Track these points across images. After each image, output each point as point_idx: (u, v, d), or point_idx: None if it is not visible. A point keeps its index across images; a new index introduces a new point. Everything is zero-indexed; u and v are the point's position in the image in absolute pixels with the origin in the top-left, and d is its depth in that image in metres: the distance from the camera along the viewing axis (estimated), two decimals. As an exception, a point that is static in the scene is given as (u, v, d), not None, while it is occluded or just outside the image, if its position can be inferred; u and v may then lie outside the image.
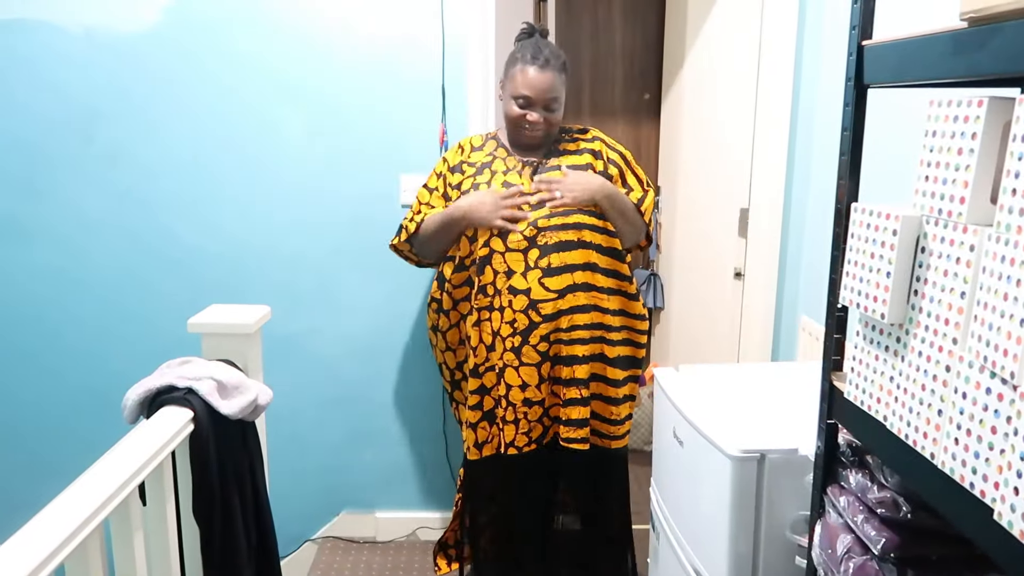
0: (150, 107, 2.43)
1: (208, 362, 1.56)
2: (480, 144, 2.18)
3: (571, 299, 2.02)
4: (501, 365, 2.06)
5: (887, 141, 1.71)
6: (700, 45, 2.99)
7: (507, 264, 2.01)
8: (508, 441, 2.09)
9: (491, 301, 2.04)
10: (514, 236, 2.00)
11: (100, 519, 1.10)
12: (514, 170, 2.09)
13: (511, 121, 2.07)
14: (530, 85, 2.01)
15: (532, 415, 2.09)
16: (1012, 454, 0.72)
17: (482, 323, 2.06)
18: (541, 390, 2.07)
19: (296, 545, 2.69)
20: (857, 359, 1.04)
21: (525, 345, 2.03)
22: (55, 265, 2.50)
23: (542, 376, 2.06)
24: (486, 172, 2.10)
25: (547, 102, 2.03)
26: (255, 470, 1.60)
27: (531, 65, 2.01)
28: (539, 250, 2.00)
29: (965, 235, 0.82)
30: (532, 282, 2.00)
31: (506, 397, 2.07)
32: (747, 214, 2.55)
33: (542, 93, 2.01)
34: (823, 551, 1.13)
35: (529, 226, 2.01)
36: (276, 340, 2.42)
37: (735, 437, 1.42)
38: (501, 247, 2.01)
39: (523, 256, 2.01)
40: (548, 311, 2.01)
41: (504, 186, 2.06)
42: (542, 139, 2.09)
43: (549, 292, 2.00)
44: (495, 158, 2.13)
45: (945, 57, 0.86)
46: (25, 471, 2.54)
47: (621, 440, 2.17)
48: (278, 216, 2.51)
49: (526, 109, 2.03)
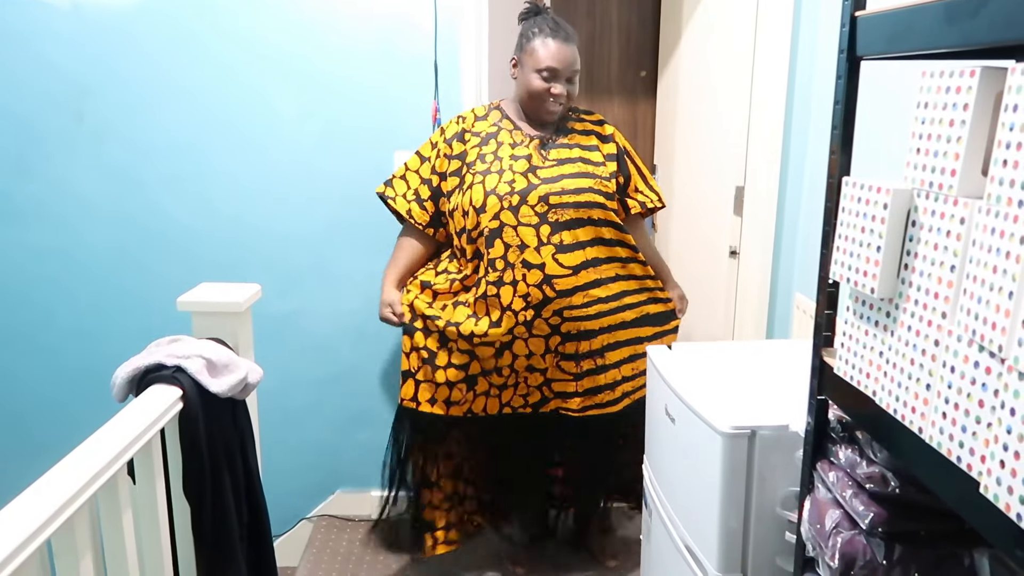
0: (141, 84, 2.40)
1: (198, 340, 1.55)
2: (484, 114, 2.17)
3: (585, 275, 2.05)
4: (508, 340, 2.07)
5: (885, 116, 1.69)
6: (696, 21, 2.96)
7: (520, 238, 2.02)
8: (504, 402, 2.15)
9: (501, 275, 2.04)
10: (526, 210, 2.01)
11: (87, 496, 1.10)
12: (522, 144, 2.10)
13: (535, 95, 2.07)
14: (555, 57, 2.02)
15: (533, 381, 2.13)
16: (999, 427, 0.71)
17: (489, 298, 2.05)
18: (546, 359, 2.11)
19: (292, 523, 2.70)
20: (847, 334, 1.03)
21: (538, 319, 2.05)
22: (46, 244, 2.48)
23: (549, 347, 2.09)
24: (492, 143, 2.11)
25: (571, 75, 2.07)
26: (246, 448, 1.59)
27: (553, 38, 2.02)
28: (550, 227, 2.02)
29: (956, 208, 0.81)
30: (546, 257, 2.01)
31: (510, 366, 2.11)
32: (742, 192, 2.53)
33: (568, 65, 2.05)
34: (812, 526, 1.13)
35: (540, 201, 2.01)
36: (271, 318, 2.41)
37: (726, 414, 1.41)
38: (513, 220, 2.02)
39: (535, 231, 2.02)
40: (563, 287, 2.03)
41: (512, 159, 2.07)
42: (561, 113, 2.12)
43: (564, 268, 2.02)
44: (500, 129, 2.13)
45: (938, 26, 0.84)
46: (18, 450, 2.54)
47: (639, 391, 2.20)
48: (271, 194, 2.49)
49: (551, 82, 2.05)
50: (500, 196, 2.02)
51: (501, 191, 2.03)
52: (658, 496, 1.77)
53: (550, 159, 2.08)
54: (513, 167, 2.06)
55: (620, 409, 2.19)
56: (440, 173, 2.14)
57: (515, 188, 2.02)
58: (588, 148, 2.13)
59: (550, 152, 2.09)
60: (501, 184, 2.03)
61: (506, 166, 2.06)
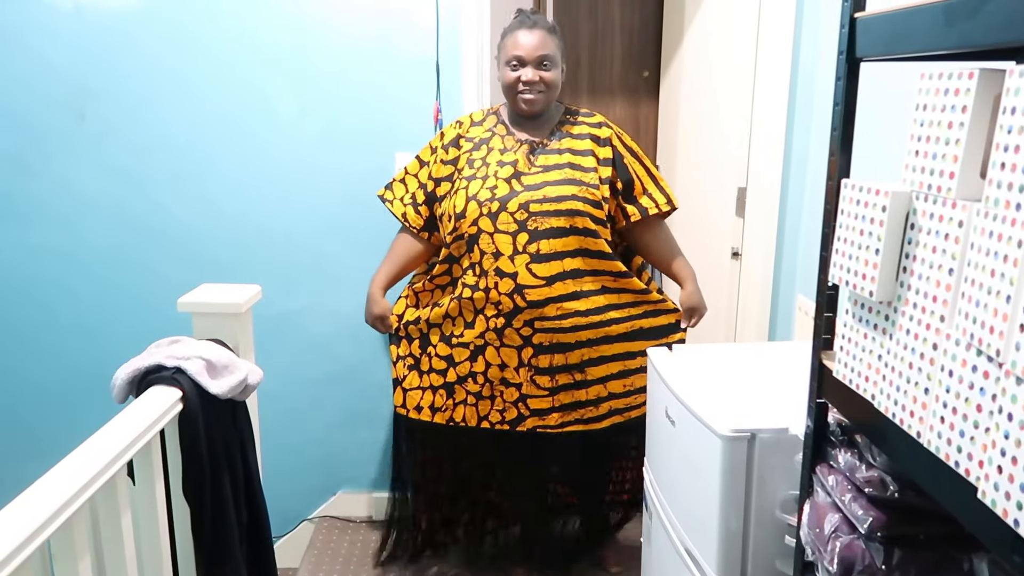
0: (142, 84, 2.40)
1: (197, 341, 1.55)
2: (480, 119, 2.16)
3: (560, 287, 2.00)
4: (480, 344, 2.07)
5: (887, 117, 1.69)
6: (699, 21, 2.95)
7: (495, 245, 2.00)
8: (483, 415, 2.13)
9: (476, 281, 2.03)
10: (504, 217, 1.99)
11: (85, 497, 1.10)
12: (511, 150, 2.06)
13: (507, 89, 2.05)
14: (519, 45, 2.00)
15: (508, 396, 2.10)
16: (996, 432, 0.71)
17: (463, 300, 2.05)
18: (520, 374, 2.08)
19: (293, 525, 2.70)
20: (846, 337, 1.02)
21: (508, 328, 2.03)
22: (48, 243, 2.49)
23: (522, 360, 2.06)
24: (483, 148, 2.09)
25: (538, 60, 2.00)
26: (246, 449, 1.60)
27: (519, 28, 2.01)
28: (528, 234, 1.98)
29: (954, 211, 0.81)
30: (519, 266, 1.99)
31: (484, 374, 2.09)
32: (745, 193, 2.53)
33: (532, 50, 1.99)
34: (811, 530, 1.12)
35: (520, 209, 1.99)
36: (271, 319, 2.41)
37: (726, 416, 1.41)
38: (490, 227, 2.00)
39: (512, 239, 1.99)
40: (534, 298, 1.99)
41: (499, 165, 2.04)
42: (541, 104, 2.04)
43: (537, 279, 1.99)
44: (494, 134, 2.10)
45: (937, 28, 0.84)
46: (20, 450, 2.54)
47: (637, 410, 2.15)
48: (272, 194, 2.49)
49: (519, 70, 2.01)
50: (480, 202, 2.00)
51: (482, 197, 2.00)
52: (658, 499, 1.76)
53: (537, 166, 2.03)
54: (498, 173, 2.02)
55: (607, 426, 2.14)
56: (436, 178, 2.13)
57: (496, 195, 2.00)
58: (580, 153, 2.06)
59: (538, 158, 2.04)
60: (483, 190, 2.01)
61: (491, 172, 2.03)
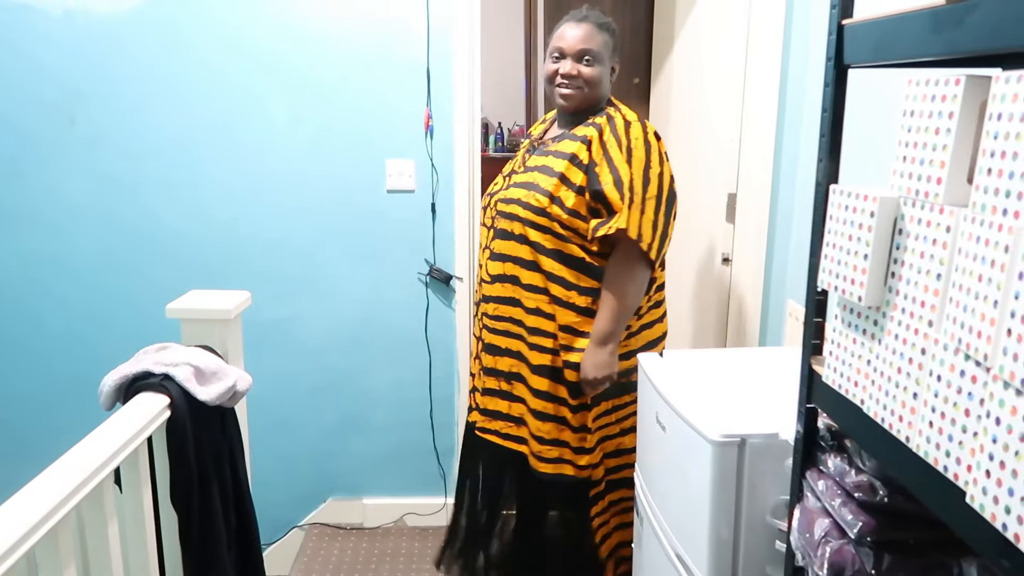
0: (133, 89, 2.40)
1: (186, 348, 1.54)
2: (543, 120, 2.21)
3: (500, 288, 2.00)
4: (478, 334, 2.14)
5: (877, 123, 1.69)
6: (689, 28, 2.97)
7: (483, 238, 2.10)
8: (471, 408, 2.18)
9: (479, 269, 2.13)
10: (489, 212, 2.05)
11: (71, 505, 1.09)
12: (526, 149, 2.11)
13: (546, 81, 1.98)
14: (562, 37, 1.94)
15: (476, 395, 2.14)
16: (985, 437, 0.71)
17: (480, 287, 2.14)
18: (474, 364, 2.15)
19: (283, 532, 2.69)
20: (835, 343, 1.02)
21: (476, 316, 2.13)
22: (38, 248, 2.48)
23: (477, 352, 2.12)
24: (525, 143, 2.18)
25: (578, 53, 1.90)
26: (235, 456, 1.58)
27: (568, 21, 1.96)
28: (493, 232, 2.03)
29: (942, 216, 0.81)
30: (484, 259, 2.06)
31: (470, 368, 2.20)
32: (735, 199, 2.53)
33: (574, 43, 1.91)
34: (801, 535, 1.12)
35: (492, 206, 2.05)
36: (261, 325, 2.40)
37: (716, 422, 1.41)
38: (483, 220, 2.10)
39: (487, 232, 2.07)
40: (485, 292, 2.05)
41: (513, 163, 2.12)
42: (578, 100, 1.94)
43: (488, 275, 2.03)
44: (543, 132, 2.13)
45: (924, 35, 0.84)
46: (6, 456, 2.52)
47: (546, 464, 1.96)
48: (263, 200, 2.49)
49: (559, 62, 1.94)
50: (489, 195, 2.10)
51: (491, 191, 2.10)
52: (649, 505, 1.76)
53: (527, 165, 2.02)
54: (506, 171, 2.11)
55: (522, 451, 2.01)
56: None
57: (493, 191, 2.09)
58: (560, 155, 1.92)
59: (530, 158, 2.03)
60: (493, 186, 2.11)
61: (507, 170, 2.11)
